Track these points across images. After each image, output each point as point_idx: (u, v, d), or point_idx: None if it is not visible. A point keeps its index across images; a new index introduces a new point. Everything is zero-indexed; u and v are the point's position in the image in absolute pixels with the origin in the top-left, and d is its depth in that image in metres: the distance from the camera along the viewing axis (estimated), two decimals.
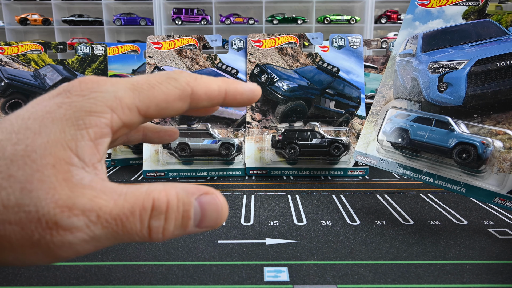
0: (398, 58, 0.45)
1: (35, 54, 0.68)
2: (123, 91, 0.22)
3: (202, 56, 0.66)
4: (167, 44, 0.65)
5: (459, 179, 0.37)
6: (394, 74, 0.45)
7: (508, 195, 0.34)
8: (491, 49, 0.38)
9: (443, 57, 0.40)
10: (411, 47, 0.44)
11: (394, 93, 0.44)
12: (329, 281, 0.29)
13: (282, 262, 0.32)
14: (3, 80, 0.65)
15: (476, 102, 0.37)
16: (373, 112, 0.45)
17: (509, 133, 0.35)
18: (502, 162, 0.35)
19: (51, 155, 0.20)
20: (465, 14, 0.41)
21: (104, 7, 3.42)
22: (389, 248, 0.34)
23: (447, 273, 0.30)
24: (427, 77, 0.41)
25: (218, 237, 0.37)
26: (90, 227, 0.19)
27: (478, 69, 0.37)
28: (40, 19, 3.49)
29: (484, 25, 0.40)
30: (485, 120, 0.37)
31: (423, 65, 0.42)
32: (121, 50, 0.79)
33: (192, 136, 0.60)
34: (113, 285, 0.29)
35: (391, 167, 0.41)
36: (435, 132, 0.39)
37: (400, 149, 0.41)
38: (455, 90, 0.38)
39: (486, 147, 0.36)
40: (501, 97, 0.36)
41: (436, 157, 0.39)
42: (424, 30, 0.43)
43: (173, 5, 3.50)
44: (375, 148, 0.44)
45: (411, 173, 0.40)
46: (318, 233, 0.38)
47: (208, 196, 0.22)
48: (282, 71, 0.63)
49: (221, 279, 0.29)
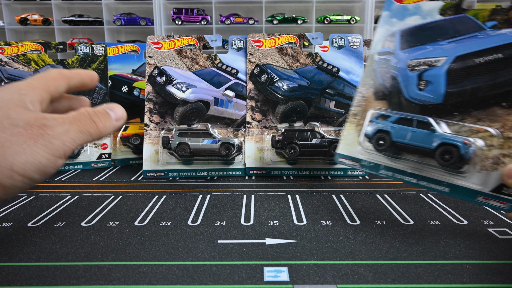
0: (376, 57, 0.44)
1: (35, 54, 0.68)
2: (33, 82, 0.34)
3: (202, 56, 0.66)
4: (167, 44, 0.65)
5: (442, 179, 0.37)
6: (373, 73, 0.44)
7: (491, 193, 0.34)
8: (469, 45, 0.37)
9: (421, 54, 0.40)
10: (389, 45, 0.43)
11: (374, 92, 0.43)
12: (329, 281, 0.29)
13: (282, 262, 0.32)
14: (3, 80, 0.65)
15: (456, 99, 0.37)
16: (354, 113, 0.44)
17: (490, 131, 0.35)
18: (484, 160, 0.35)
19: (11, 103, 0.30)
20: (442, 9, 0.40)
21: (104, 7, 3.42)
22: (389, 248, 0.34)
23: (447, 273, 0.30)
24: (406, 75, 0.40)
25: (218, 237, 0.37)
26: (62, 124, 0.31)
27: (457, 66, 0.37)
28: (40, 19, 3.48)
29: (461, 21, 0.39)
30: (465, 118, 0.36)
31: (402, 63, 0.41)
32: (121, 50, 0.79)
33: (192, 136, 0.60)
34: (113, 285, 0.29)
35: (373, 169, 0.41)
36: (416, 133, 0.38)
37: (383, 151, 0.40)
38: (434, 88, 0.38)
39: (468, 147, 0.35)
40: (480, 94, 0.35)
41: (418, 157, 0.38)
42: (401, 27, 0.42)
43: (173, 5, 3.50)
44: (358, 150, 0.43)
45: (394, 174, 0.39)
46: (318, 233, 0.38)
47: (110, 105, 0.36)
48: (282, 71, 0.63)
49: (221, 279, 0.29)
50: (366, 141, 0.42)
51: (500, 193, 0.34)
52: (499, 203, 0.33)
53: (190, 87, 0.63)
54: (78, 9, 3.67)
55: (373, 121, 0.42)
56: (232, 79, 0.65)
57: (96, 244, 0.36)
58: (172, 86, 0.63)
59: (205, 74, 0.65)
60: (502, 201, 0.33)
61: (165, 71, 0.63)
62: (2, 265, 0.32)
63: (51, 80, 0.36)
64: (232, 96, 0.64)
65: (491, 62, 0.36)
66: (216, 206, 0.46)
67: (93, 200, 0.49)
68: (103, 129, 0.35)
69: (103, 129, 0.35)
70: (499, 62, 0.35)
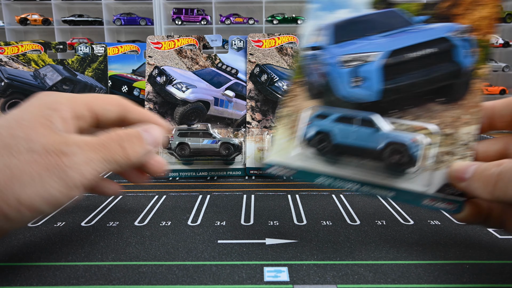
0: (306, 52, 0.41)
1: (35, 54, 0.68)
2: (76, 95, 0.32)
3: (202, 56, 0.66)
4: (167, 44, 0.65)
5: (385, 183, 0.34)
6: (304, 69, 0.40)
7: (436, 194, 0.32)
8: (402, 40, 0.36)
9: (354, 49, 0.37)
10: (319, 40, 0.40)
11: (306, 90, 0.39)
12: (329, 281, 0.29)
13: (282, 262, 0.32)
14: (3, 80, 0.65)
15: (393, 96, 0.35)
16: (284, 114, 0.39)
17: (429, 128, 0.34)
18: (425, 160, 0.33)
19: (36, 122, 0.28)
20: (371, 3, 0.39)
21: (104, 7, 3.42)
22: (389, 248, 0.34)
23: (447, 273, 0.30)
24: (338, 72, 0.37)
25: (218, 237, 0.37)
26: (84, 152, 0.28)
27: (391, 61, 0.35)
28: (40, 19, 3.48)
29: (391, 15, 0.38)
30: (404, 115, 0.35)
31: (334, 58, 0.38)
32: (121, 50, 0.79)
33: (192, 136, 0.60)
34: (113, 285, 0.29)
35: (309, 178, 0.36)
36: (360, 133, 0.35)
37: (323, 155, 0.36)
38: (370, 85, 0.36)
39: (416, 145, 0.34)
40: (417, 90, 0.34)
41: (359, 160, 0.35)
42: (331, 20, 0.40)
43: (173, 5, 3.50)
44: (292, 156, 0.37)
45: (334, 182, 0.35)
46: (318, 233, 0.38)
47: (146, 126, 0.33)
48: (282, 71, 0.63)
49: (221, 279, 0.29)
50: (304, 145, 0.37)
51: (445, 193, 0.32)
52: (445, 204, 0.32)
53: (190, 87, 0.63)
54: (78, 9, 3.67)
55: (311, 121, 0.38)
56: (232, 79, 0.65)
57: (96, 244, 0.36)
58: (172, 86, 0.63)
59: (205, 74, 0.65)
60: (449, 202, 0.32)
61: (165, 71, 0.63)
62: (2, 265, 0.32)
63: (101, 99, 0.33)
64: (232, 96, 0.64)
65: (424, 56, 0.35)
66: (216, 206, 0.46)
67: (93, 200, 0.49)
68: (133, 157, 0.31)
69: (133, 156, 0.31)
70: (432, 56, 0.35)
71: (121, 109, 0.34)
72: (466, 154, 0.32)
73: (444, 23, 0.36)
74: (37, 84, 0.66)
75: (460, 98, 0.34)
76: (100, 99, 0.33)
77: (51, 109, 0.29)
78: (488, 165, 0.28)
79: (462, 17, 0.35)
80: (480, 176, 0.28)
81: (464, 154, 0.32)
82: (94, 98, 0.33)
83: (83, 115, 0.32)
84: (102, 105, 0.33)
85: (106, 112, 0.33)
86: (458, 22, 0.35)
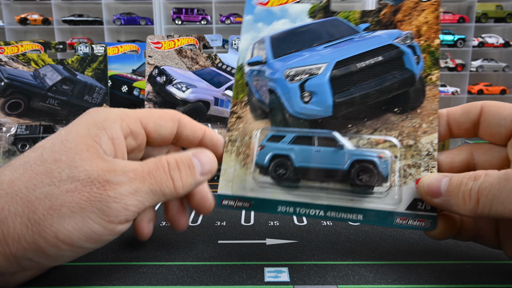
0: (247, 68, 0.37)
1: (35, 54, 0.68)
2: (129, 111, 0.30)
3: (202, 56, 0.65)
4: (167, 44, 0.65)
5: (352, 205, 0.31)
6: (246, 88, 0.37)
7: (407, 211, 0.30)
8: (347, 49, 0.34)
9: (298, 62, 0.35)
10: (260, 53, 0.37)
11: (252, 110, 0.36)
12: (329, 281, 0.29)
13: (283, 263, 0.32)
14: (2, 80, 0.65)
15: (347, 109, 0.33)
16: (231, 139, 0.35)
17: (391, 140, 0.32)
18: (393, 175, 0.31)
19: (82, 144, 0.26)
20: (310, 12, 0.36)
21: (104, 7, 3.42)
22: (389, 249, 0.34)
23: (448, 273, 0.30)
24: (286, 87, 0.34)
25: (218, 237, 0.37)
26: (132, 181, 0.26)
27: (339, 73, 0.33)
28: (40, 19, 3.48)
29: (334, 24, 0.36)
30: (361, 129, 0.33)
31: (279, 73, 0.35)
32: (121, 50, 0.79)
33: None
34: (114, 286, 0.29)
35: (269, 208, 0.33)
36: (322, 153, 0.32)
37: (282, 182, 0.33)
38: (320, 99, 0.33)
39: (384, 161, 0.31)
40: (370, 101, 0.33)
41: (322, 183, 0.32)
42: (270, 32, 0.37)
43: (173, 5, 3.50)
44: (245, 186, 0.34)
45: (296, 210, 0.32)
46: (319, 233, 0.38)
47: (199, 151, 0.31)
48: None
49: (222, 280, 0.29)
50: (259, 173, 0.34)
51: (416, 209, 0.30)
52: (418, 221, 0.30)
53: (190, 87, 0.63)
54: (78, 9, 3.67)
55: (264, 145, 0.34)
56: (232, 79, 0.65)
57: None
58: (172, 86, 0.62)
59: (205, 74, 0.65)
60: (421, 218, 0.30)
61: (165, 71, 0.63)
62: None
63: (155, 114, 0.31)
64: None
65: (373, 66, 0.34)
66: (216, 205, 0.46)
67: None
68: (180, 189, 0.28)
69: (181, 189, 0.28)
70: (380, 65, 0.34)
71: (175, 125, 0.32)
72: (431, 165, 0.31)
73: (389, 29, 0.34)
74: (37, 84, 0.66)
75: (416, 106, 0.32)
76: (154, 114, 0.31)
77: (100, 128, 0.27)
78: (462, 178, 0.27)
79: (405, 23, 0.34)
80: (458, 191, 0.27)
81: (429, 165, 0.31)
82: (148, 114, 0.31)
83: (136, 132, 0.30)
84: (156, 121, 0.31)
85: (160, 129, 0.31)
86: (401, 29, 0.34)
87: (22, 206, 0.23)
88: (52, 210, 0.23)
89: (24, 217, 0.23)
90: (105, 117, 0.28)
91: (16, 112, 0.65)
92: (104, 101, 0.69)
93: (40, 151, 0.26)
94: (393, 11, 0.34)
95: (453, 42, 3.56)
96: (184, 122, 0.33)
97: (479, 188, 0.26)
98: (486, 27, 3.70)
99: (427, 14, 0.33)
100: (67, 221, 0.23)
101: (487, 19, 3.57)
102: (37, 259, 0.24)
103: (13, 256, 0.23)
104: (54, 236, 0.23)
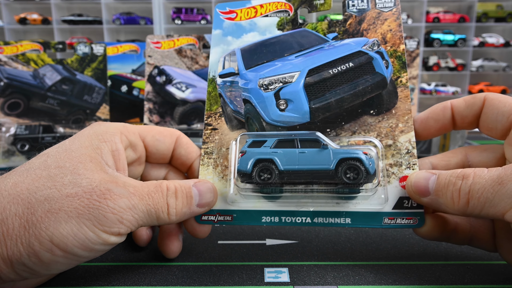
0: (219, 80, 0.38)
1: (34, 54, 0.68)
2: (128, 125, 0.31)
3: (202, 55, 0.65)
4: (167, 44, 0.65)
5: (339, 208, 0.31)
6: (220, 99, 0.37)
7: (394, 211, 0.30)
8: (318, 57, 0.35)
9: (271, 71, 0.35)
10: (231, 65, 0.37)
11: (227, 121, 0.36)
12: (330, 282, 0.29)
13: (283, 263, 0.32)
14: (2, 80, 0.64)
15: (324, 115, 0.34)
16: (207, 152, 0.34)
17: (372, 141, 0.32)
18: (378, 175, 0.32)
19: (86, 154, 0.27)
20: (279, 25, 0.38)
21: (104, 6, 3.42)
22: (390, 249, 0.34)
23: (449, 274, 0.30)
24: (261, 96, 0.35)
25: (218, 238, 0.37)
26: (131, 196, 0.26)
27: (313, 80, 0.34)
28: (39, 19, 3.48)
29: (303, 34, 0.37)
30: (340, 133, 0.33)
31: (252, 83, 0.35)
32: (120, 50, 0.79)
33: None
34: (113, 286, 0.29)
35: (253, 220, 0.32)
36: (307, 154, 0.32)
37: (267, 188, 0.32)
38: (297, 106, 0.34)
39: (370, 158, 0.31)
40: (346, 105, 0.34)
41: (303, 188, 0.32)
42: (240, 45, 0.38)
43: (172, 4, 3.50)
44: (226, 198, 0.32)
45: (281, 219, 0.31)
46: (319, 233, 0.38)
47: (201, 182, 0.30)
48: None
49: (221, 280, 0.29)
50: (242, 181, 0.32)
51: (403, 208, 0.30)
52: (406, 219, 0.30)
53: (190, 87, 0.63)
54: (77, 9, 3.66)
55: (245, 151, 0.33)
56: None
57: None
58: (172, 86, 0.62)
59: (205, 74, 0.65)
60: (409, 216, 0.30)
61: (165, 70, 0.63)
62: None
63: (154, 130, 0.32)
64: None
65: (345, 71, 0.35)
66: None
67: None
68: (173, 217, 0.28)
69: (174, 216, 0.28)
70: (352, 71, 0.35)
71: (173, 141, 0.33)
72: (412, 162, 0.31)
73: (356, 38, 0.36)
74: (36, 83, 0.66)
75: (391, 107, 0.34)
76: (154, 130, 0.32)
77: (101, 141, 0.28)
78: (450, 176, 0.27)
79: (370, 31, 0.36)
80: (446, 190, 0.27)
81: (410, 163, 0.31)
82: (147, 128, 0.32)
83: (134, 143, 0.31)
84: (155, 135, 0.32)
85: (158, 144, 0.32)
86: (368, 37, 0.36)
87: (23, 207, 0.23)
88: (50, 213, 0.24)
89: (24, 218, 0.23)
90: (106, 130, 0.29)
91: (16, 112, 0.65)
92: (103, 101, 0.69)
93: (44, 158, 0.26)
94: (358, 21, 0.36)
95: (453, 42, 3.56)
96: (182, 141, 0.34)
97: (470, 189, 0.25)
98: (486, 27, 3.69)
99: (389, 23, 0.35)
100: (62, 226, 0.24)
101: (488, 19, 3.56)
102: (31, 265, 0.24)
103: (9, 260, 0.23)
104: (49, 239, 0.23)
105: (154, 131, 0.33)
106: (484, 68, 3.69)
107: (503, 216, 0.24)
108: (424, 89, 3.52)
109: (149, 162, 0.34)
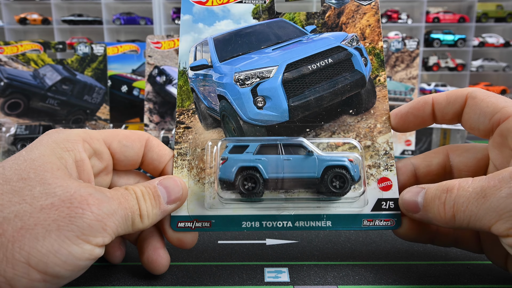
0: (190, 73, 0.34)
1: (34, 54, 0.68)
2: (91, 131, 0.29)
3: None
4: (167, 44, 0.65)
5: (319, 211, 0.30)
6: (192, 94, 0.34)
7: (373, 212, 0.30)
8: (297, 52, 0.33)
9: (247, 65, 0.33)
10: (204, 56, 0.34)
11: (201, 119, 0.33)
12: (330, 281, 0.29)
13: (283, 263, 0.32)
14: (2, 80, 0.65)
15: (303, 113, 0.32)
16: (180, 153, 0.32)
17: (351, 142, 0.32)
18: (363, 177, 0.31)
19: (50, 162, 0.24)
20: (254, 13, 0.35)
21: (104, 6, 3.42)
22: (390, 249, 0.34)
23: (448, 274, 0.30)
24: (237, 92, 0.32)
25: (218, 238, 0.37)
26: (110, 201, 0.24)
27: (291, 76, 0.32)
28: (39, 19, 3.48)
29: (280, 25, 0.35)
30: (319, 133, 0.32)
31: (227, 77, 0.33)
32: (120, 50, 0.79)
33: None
34: (113, 286, 0.29)
35: (233, 226, 0.30)
36: (292, 162, 0.30)
37: (253, 197, 0.30)
38: (275, 104, 0.32)
39: (355, 165, 0.30)
40: (325, 104, 0.32)
41: (284, 193, 0.31)
42: (212, 33, 0.34)
43: (173, 4, 3.50)
44: (203, 203, 0.31)
45: (262, 223, 0.30)
46: (319, 233, 0.38)
47: (165, 178, 0.28)
48: None
49: (222, 280, 0.29)
50: (222, 188, 0.30)
51: (381, 209, 0.30)
52: (384, 221, 0.30)
53: None
54: (77, 9, 3.67)
55: (226, 157, 0.31)
56: None
57: None
58: (172, 86, 0.62)
59: None
60: (386, 218, 0.30)
61: (165, 70, 0.63)
62: None
63: (120, 135, 0.29)
64: None
65: (323, 68, 0.33)
66: None
67: None
68: (146, 220, 0.26)
69: (146, 219, 0.26)
70: (331, 67, 0.33)
71: (142, 146, 0.30)
72: (389, 163, 0.31)
73: (335, 32, 0.34)
74: (36, 84, 0.66)
75: (370, 107, 0.33)
76: (120, 134, 0.29)
77: (64, 149, 0.25)
78: (436, 190, 0.27)
79: (349, 25, 0.34)
80: (433, 205, 0.27)
81: (388, 164, 0.31)
82: (113, 133, 0.29)
83: (99, 151, 0.28)
84: (121, 141, 0.29)
85: (126, 149, 0.29)
86: (347, 31, 0.34)
87: None
88: (24, 230, 0.20)
89: None
90: (66, 138, 0.26)
91: (16, 112, 0.65)
92: (103, 101, 0.69)
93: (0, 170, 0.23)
94: (337, 14, 0.35)
95: (453, 42, 3.56)
96: (152, 144, 0.31)
97: (454, 203, 0.25)
98: (486, 27, 3.69)
99: (368, 17, 0.34)
100: (40, 243, 0.21)
101: (488, 19, 3.57)
102: None
103: None
104: (25, 261, 0.20)
105: (120, 135, 0.29)
106: (484, 68, 3.69)
107: (490, 229, 0.24)
108: (424, 89, 3.52)
109: (117, 170, 0.31)
